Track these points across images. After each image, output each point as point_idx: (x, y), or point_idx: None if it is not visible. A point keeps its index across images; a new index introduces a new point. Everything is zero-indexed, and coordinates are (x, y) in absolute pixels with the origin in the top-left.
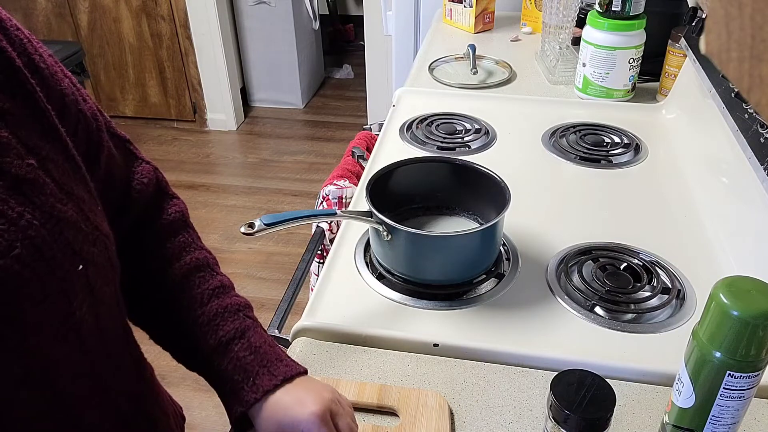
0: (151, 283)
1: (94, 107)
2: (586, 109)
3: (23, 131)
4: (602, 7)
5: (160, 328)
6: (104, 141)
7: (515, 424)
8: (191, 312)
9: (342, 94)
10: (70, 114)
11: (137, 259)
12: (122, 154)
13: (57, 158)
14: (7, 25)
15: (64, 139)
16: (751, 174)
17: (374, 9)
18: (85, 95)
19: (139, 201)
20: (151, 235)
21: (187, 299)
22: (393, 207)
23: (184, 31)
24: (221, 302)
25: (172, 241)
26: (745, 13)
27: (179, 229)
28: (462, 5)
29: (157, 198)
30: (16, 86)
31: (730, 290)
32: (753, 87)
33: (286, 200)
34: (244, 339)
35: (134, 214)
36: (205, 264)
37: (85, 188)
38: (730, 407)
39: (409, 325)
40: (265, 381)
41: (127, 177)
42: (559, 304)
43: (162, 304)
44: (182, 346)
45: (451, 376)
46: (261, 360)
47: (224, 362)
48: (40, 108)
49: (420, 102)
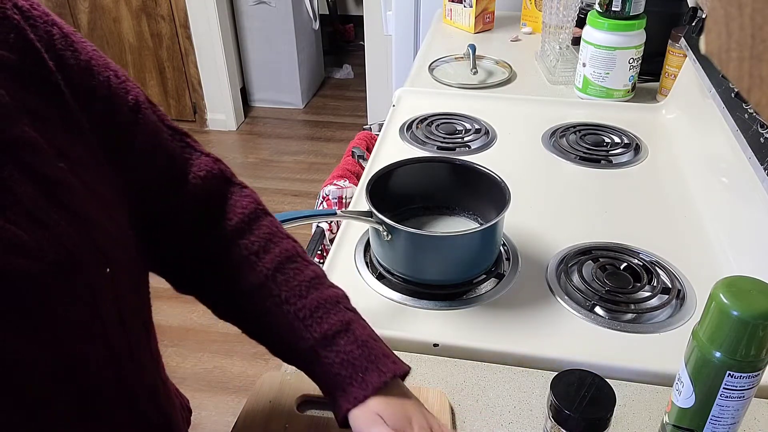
0: (238, 280)
1: (139, 100)
2: (586, 109)
3: (52, 132)
4: (602, 7)
5: (254, 324)
6: (146, 135)
7: (515, 424)
8: (291, 305)
9: (342, 94)
10: (100, 111)
11: (214, 255)
12: (178, 147)
13: (84, 159)
14: (38, 21)
15: (90, 140)
16: (751, 174)
17: (374, 9)
18: (128, 88)
19: (198, 194)
20: (229, 231)
21: (285, 293)
22: (393, 207)
23: (184, 31)
24: (320, 294)
25: (255, 234)
26: (745, 13)
27: (258, 218)
28: (462, 5)
29: (223, 190)
30: (46, 86)
31: (730, 290)
32: (753, 87)
33: (286, 200)
34: (350, 332)
35: (197, 207)
36: (295, 254)
37: (110, 189)
38: (730, 407)
39: (409, 325)
40: (374, 378)
41: (183, 170)
42: (559, 304)
43: (255, 300)
44: (282, 340)
45: (451, 376)
46: (369, 355)
47: (330, 356)
48: (67, 108)
49: (420, 102)
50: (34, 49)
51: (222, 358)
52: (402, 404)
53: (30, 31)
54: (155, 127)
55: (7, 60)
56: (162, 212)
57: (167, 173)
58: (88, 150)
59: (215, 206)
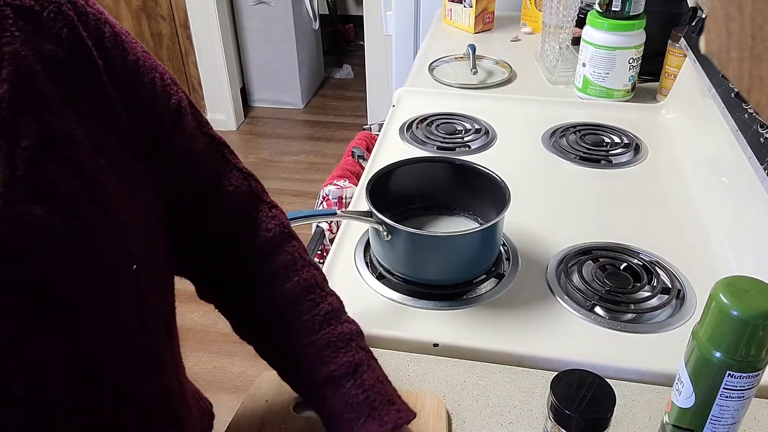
0: (255, 302)
1: (182, 105)
2: (586, 109)
3: (94, 129)
4: (602, 7)
5: (266, 348)
6: (183, 140)
7: (515, 424)
8: (301, 340)
9: (342, 94)
10: (142, 112)
11: (237, 272)
12: (213, 158)
13: (121, 158)
14: (91, 18)
15: (130, 140)
16: (751, 174)
17: (374, 9)
18: (172, 92)
19: (226, 209)
20: (252, 251)
21: (297, 326)
22: (393, 207)
23: (184, 31)
24: (333, 330)
25: (276, 259)
26: (745, 13)
27: (282, 243)
28: (462, 5)
29: (251, 208)
30: (92, 83)
31: (730, 290)
32: (753, 87)
33: (286, 200)
34: (357, 375)
35: (224, 222)
36: (313, 284)
37: (144, 189)
38: (730, 407)
39: (409, 325)
40: (374, 427)
41: (215, 182)
42: (559, 304)
43: (267, 326)
44: (290, 371)
45: (450, 376)
46: (372, 401)
47: (334, 398)
48: (111, 107)
49: (420, 102)
50: (85, 45)
51: (222, 358)
52: None
53: (82, 28)
54: (193, 135)
55: (57, 55)
56: (191, 219)
57: (198, 183)
58: (127, 149)
59: (242, 224)
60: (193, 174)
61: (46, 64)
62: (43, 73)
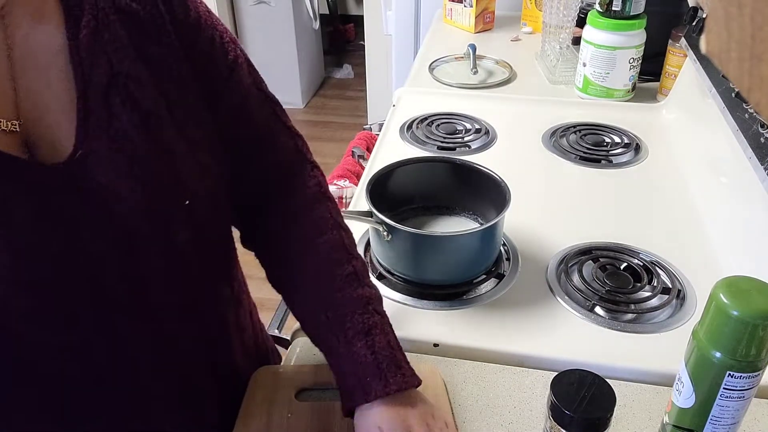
0: (287, 252)
1: (238, 62)
2: (586, 109)
3: (159, 73)
4: (602, 7)
5: (292, 300)
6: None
7: (515, 424)
8: (323, 294)
9: (342, 94)
10: (202, 63)
11: (275, 225)
12: (264, 114)
13: (180, 100)
14: None
15: (190, 86)
16: (751, 174)
17: (374, 9)
18: (229, 49)
19: (271, 164)
20: (290, 204)
21: (321, 281)
22: (393, 207)
23: None
24: (353, 291)
25: (311, 215)
26: (745, 13)
27: (318, 201)
28: (462, 5)
29: (295, 165)
30: (161, 34)
31: (730, 290)
32: (753, 87)
33: None
34: (369, 337)
35: (268, 175)
36: (341, 245)
37: (201, 131)
38: (730, 407)
39: (409, 325)
40: (378, 387)
41: (263, 137)
42: (559, 304)
43: (296, 277)
44: (309, 324)
45: (451, 376)
46: (380, 363)
47: (345, 357)
48: (176, 55)
49: (420, 102)
50: (155, 3)
51: None
52: (405, 415)
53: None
54: (247, 89)
55: (133, 10)
56: (241, 164)
57: (247, 134)
58: (186, 93)
59: (286, 177)
60: (246, 124)
61: (119, 15)
62: (117, 22)
